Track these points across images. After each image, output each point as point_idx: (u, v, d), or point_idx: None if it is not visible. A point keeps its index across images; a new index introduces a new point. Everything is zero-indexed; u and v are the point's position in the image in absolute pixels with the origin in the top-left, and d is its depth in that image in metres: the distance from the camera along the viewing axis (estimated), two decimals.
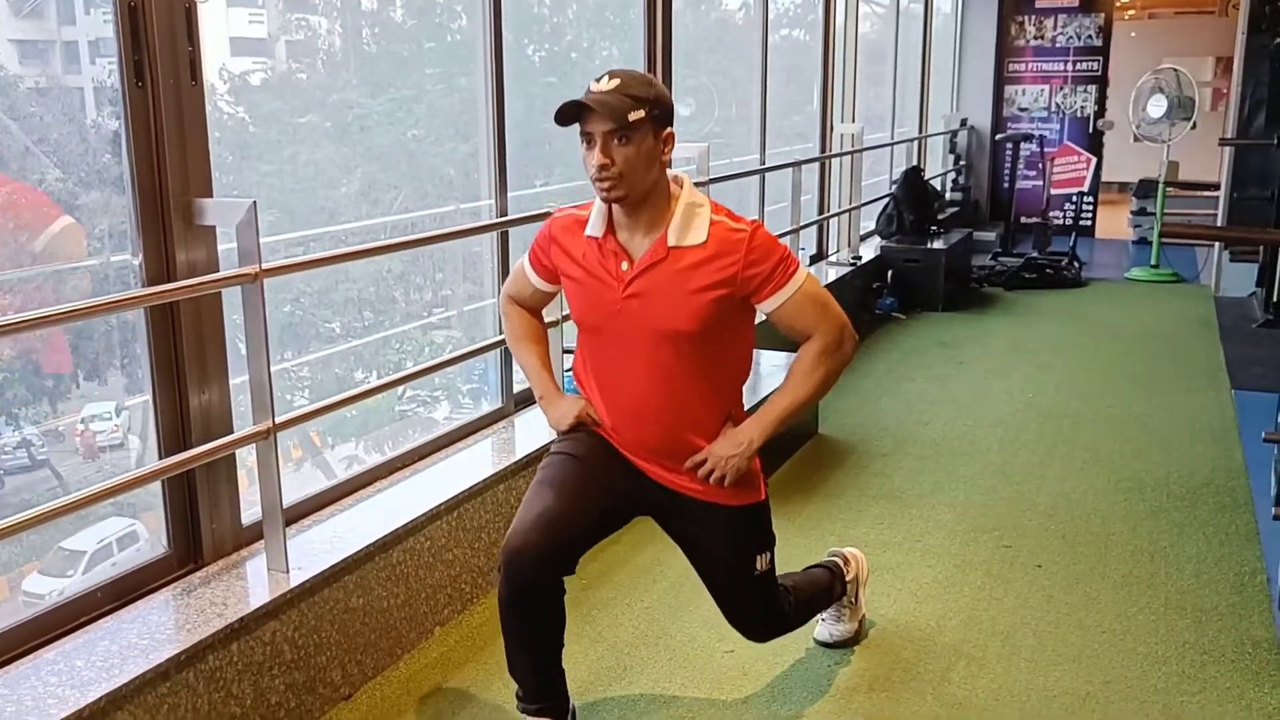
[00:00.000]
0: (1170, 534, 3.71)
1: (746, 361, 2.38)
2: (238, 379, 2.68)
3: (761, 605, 2.51)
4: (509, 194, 3.80)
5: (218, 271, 2.55)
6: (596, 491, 2.31)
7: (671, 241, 2.17)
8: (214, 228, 2.54)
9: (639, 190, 2.14)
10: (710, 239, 2.17)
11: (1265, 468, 4.09)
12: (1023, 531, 3.75)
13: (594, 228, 2.24)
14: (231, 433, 2.63)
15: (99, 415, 4.08)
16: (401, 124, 6.36)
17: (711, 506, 2.35)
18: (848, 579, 2.90)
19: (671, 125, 2.19)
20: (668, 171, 2.22)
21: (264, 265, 2.47)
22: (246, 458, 2.73)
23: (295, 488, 2.98)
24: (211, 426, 2.61)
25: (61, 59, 3.69)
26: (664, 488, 2.35)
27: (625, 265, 2.20)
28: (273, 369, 2.57)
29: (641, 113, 2.09)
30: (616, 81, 2.10)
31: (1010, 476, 4.28)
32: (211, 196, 2.54)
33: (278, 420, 2.57)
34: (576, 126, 2.12)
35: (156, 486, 2.56)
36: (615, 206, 2.19)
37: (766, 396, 2.42)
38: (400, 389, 5.96)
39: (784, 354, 4.84)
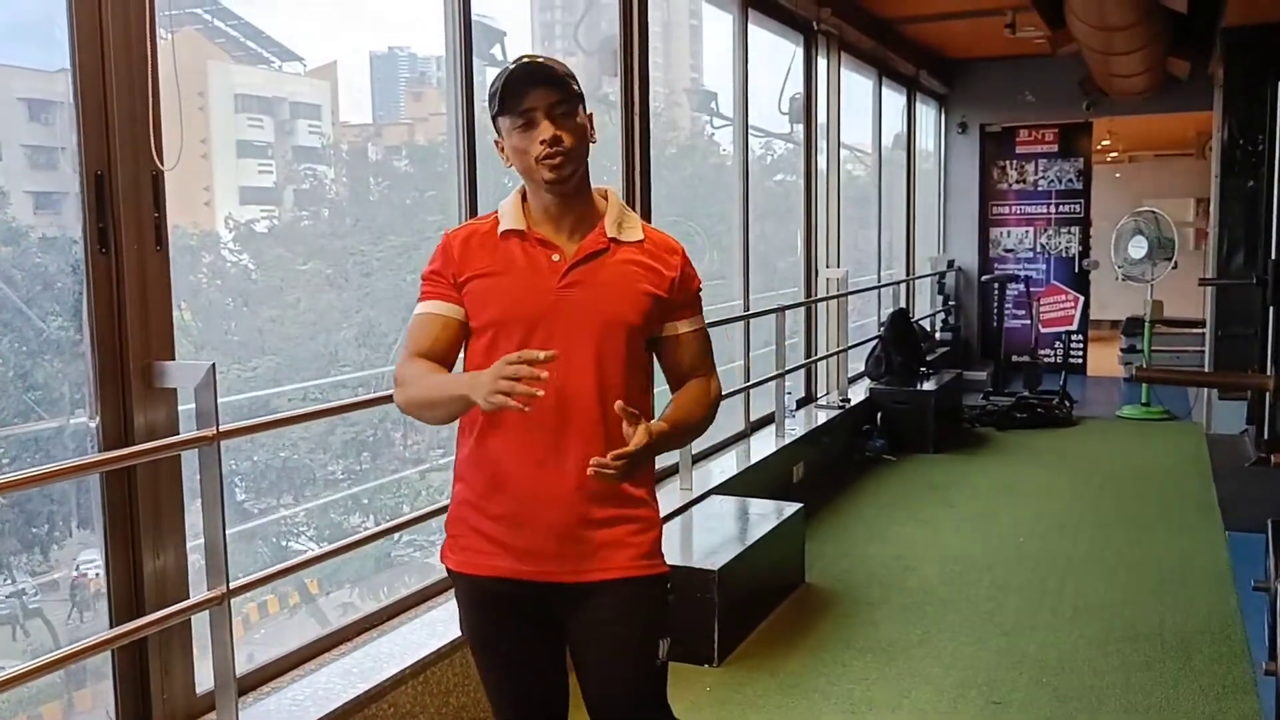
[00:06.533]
0: (1165, 687, 3.59)
1: (650, 391, 2.19)
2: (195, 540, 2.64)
3: (655, 709, 2.14)
4: None
5: (177, 433, 2.54)
6: (534, 664, 2.13)
7: (610, 234, 2.04)
8: (174, 390, 2.53)
9: (579, 172, 2.01)
10: (647, 240, 2.09)
11: (1260, 614, 3.98)
12: (1013, 685, 3.63)
13: (512, 222, 2.05)
14: (187, 597, 2.57)
15: (94, 561, 4.01)
16: (401, 270, 6.46)
17: (622, 583, 2.03)
18: None
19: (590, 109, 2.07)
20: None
21: (221, 427, 2.46)
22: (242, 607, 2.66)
23: (289, 634, 2.93)
24: (167, 591, 2.55)
25: (76, 209, 3.80)
26: (572, 587, 2.03)
27: (556, 257, 2.01)
28: (269, 516, 2.54)
29: (577, 86, 2.00)
30: (542, 58, 2.00)
31: (1000, 626, 4.17)
32: (173, 359, 2.54)
33: (232, 585, 2.51)
34: None
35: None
36: (540, 201, 2.03)
37: None
38: (396, 534, 5.90)
39: (771, 502, 4.79)
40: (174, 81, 2.57)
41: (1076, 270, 10.56)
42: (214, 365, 2.45)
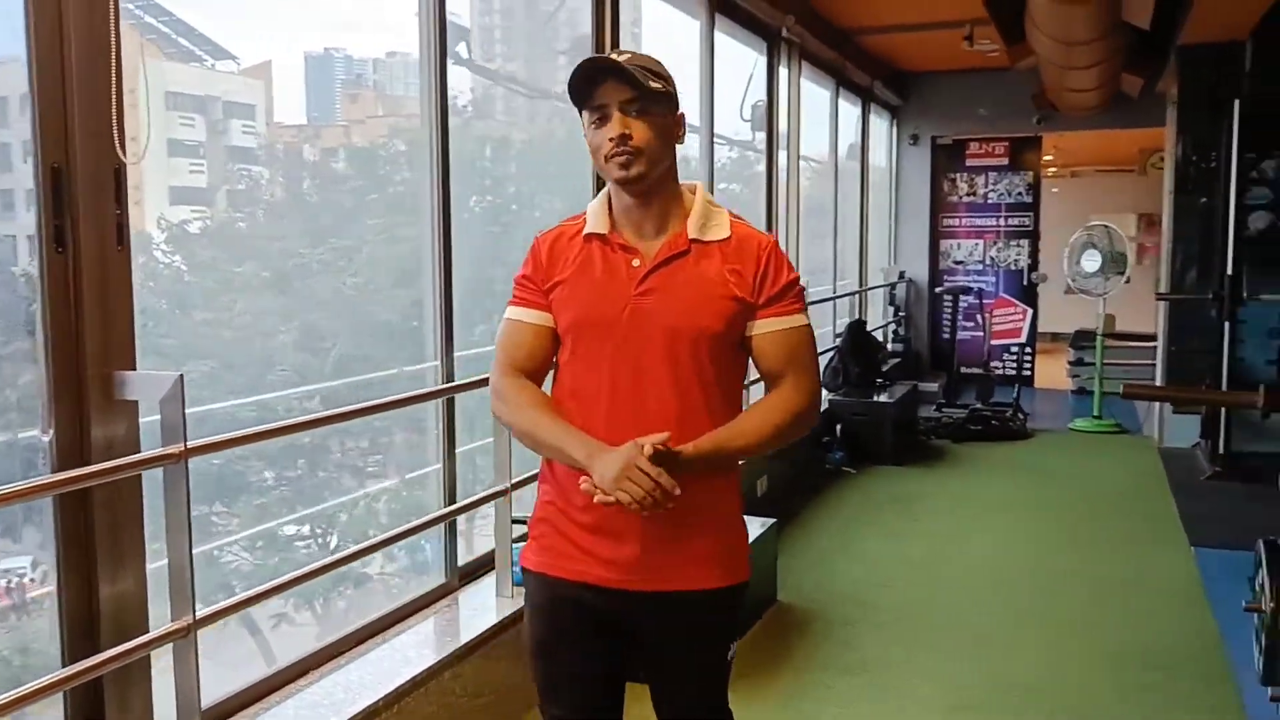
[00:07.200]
0: (1154, 709, 3.53)
1: (740, 396, 2.06)
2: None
3: (724, 706, 2.17)
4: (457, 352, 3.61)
5: (138, 450, 2.34)
6: (593, 673, 2.08)
7: (692, 234, 1.95)
8: (136, 402, 2.33)
9: (656, 172, 1.92)
10: (733, 237, 1.97)
11: (1240, 633, 3.95)
12: (1002, 706, 3.54)
13: (596, 225, 1.99)
14: (147, 628, 2.37)
15: (12, 570, 3.78)
16: (341, 273, 6.26)
17: (708, 594, 2.00)
18: None
19: (681, 109, 2.00)
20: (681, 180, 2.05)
21: (189, 444, 2.26)
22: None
23: (223, 650, 2.74)
24: (125, 622, 2.35)
25: (23, 205, 3.61)
26: (656, 596, 1.98)
27: (636, 262, 1.95)
28: (229, 538, 2.35)
29: (660, 84, 1.92)
30: (629, 54, 1.93)
31: (982, 644, 4.09)
32: (134, 369, 2.34)
33: (199, 615, 2.32)
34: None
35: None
36: (621, 202, 1.97)
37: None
38: (332, 539, 5.71)
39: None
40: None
41: (1025, 283, 10.62)
42: (181, 376, 2.26)
